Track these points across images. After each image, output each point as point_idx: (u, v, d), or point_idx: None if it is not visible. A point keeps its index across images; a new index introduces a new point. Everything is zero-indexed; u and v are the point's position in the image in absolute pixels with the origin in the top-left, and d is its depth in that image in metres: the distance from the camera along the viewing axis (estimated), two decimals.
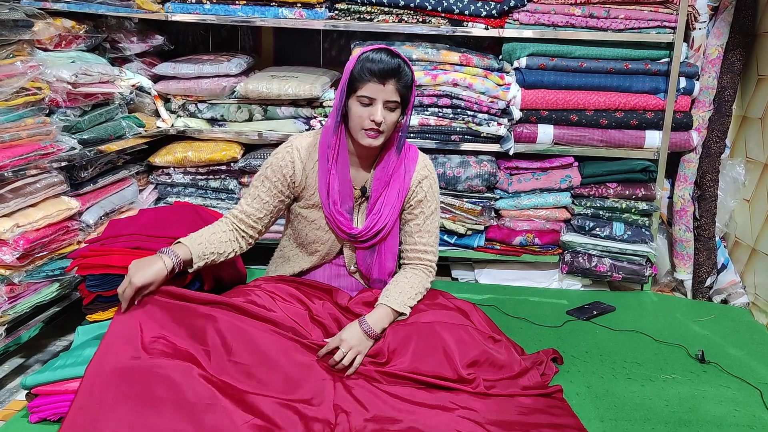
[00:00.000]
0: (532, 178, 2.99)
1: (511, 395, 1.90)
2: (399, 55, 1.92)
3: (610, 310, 2.74)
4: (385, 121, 1.91)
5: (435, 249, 2.16)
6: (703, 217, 3.00)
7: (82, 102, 2.49)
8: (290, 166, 2.04)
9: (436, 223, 2.16)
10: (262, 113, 3.03)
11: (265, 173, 2.06)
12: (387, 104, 1.91)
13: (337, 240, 2.13)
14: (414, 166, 2.11)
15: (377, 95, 1.90)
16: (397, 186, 2.08)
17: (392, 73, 1.88)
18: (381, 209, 2.07)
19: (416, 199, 2.10)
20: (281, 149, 2.07)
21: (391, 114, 1.93)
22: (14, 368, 2.24)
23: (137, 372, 1.64)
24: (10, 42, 2.16)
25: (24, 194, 2.19)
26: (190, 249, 1.91)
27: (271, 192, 2.06)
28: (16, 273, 2.14)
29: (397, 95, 1.91)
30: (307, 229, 2.12)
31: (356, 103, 1.92)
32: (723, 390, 2.12)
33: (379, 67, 1.87)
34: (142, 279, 1.78)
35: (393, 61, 1.89)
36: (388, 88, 1.89)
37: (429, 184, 2.12)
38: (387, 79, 1.89)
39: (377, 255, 2.12)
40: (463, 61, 2.87)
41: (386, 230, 2.08)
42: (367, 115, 1.91)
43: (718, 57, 2.91)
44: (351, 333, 1.89)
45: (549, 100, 2.88)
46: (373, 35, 3.01)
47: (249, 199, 2.07)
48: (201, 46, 3.57)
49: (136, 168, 2.95)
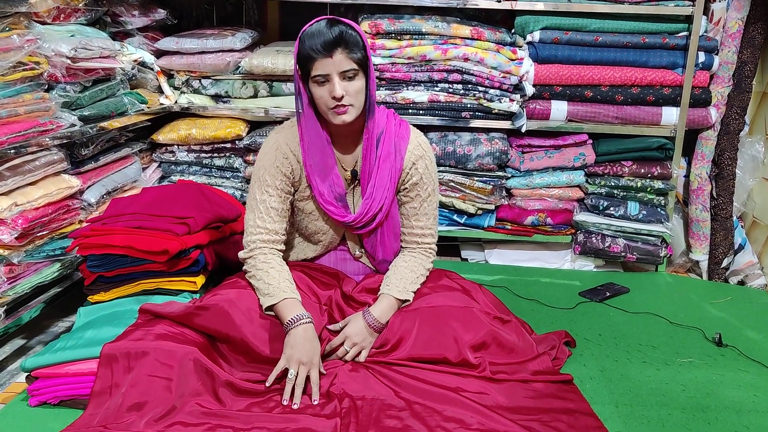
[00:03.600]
0: (544, 156, 2.93)
1: (521, 380, 1.86)
2: (340, 21, 1.79)
3: (623, 291, 2.69)
4: (347, 92, 1.79)
5: (434, 231, 2.08)
6: (721, 197, 2.93)
7: (82, 77, 2.43)
8: (286, 163, 1.94)
9: (434, 204, 2.07)
10: (267, 89, 2.97)
11: (264, 181, 1.94)
12: (343, 75, 1.78)
13: (336, 229, 2.07)
14: (406, 144, 1.99)
15: (329, 69, 1.77)
16: (387, 166, 1.96)
17: (336, 42, 1.75)
18: (373, 193, 1.97)
19: (411, 182, 2.00)
20: (269, 149, 1.95)
21: (352, 83, 1.80)
22: (15, 349, 2.20)
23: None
24: (6, 14, 2.10)
25: (23, 172, 2.14)
26: (299, 301, 1.86)
27: (280, 197, 1.95)
28: (16, 253, 2.10)
29: (350, 62, 1.77)
30: (306, 221, 2.05)
31: (314, 85, 1.81)
32: (741, 374, 2.06)
33: (321, 40, 1.75)
34: (319, 352, 1.78)
35: (333, 30, 1.75)
36: (337, 59, 1.76)
37: (424, 165, 2.00)
38: (332, 50, 1.75)
39: (380, 237, 2.05)
40: (475, 35, 2.79)
41: (383, 213, 2.00)
42: (328, 93, 1.79)
43: (739, 30, 2.81)
44: (355, 328, 1.86)
45: (563, 75, 2.80)
46: (381, 8, 2.93)
47: (264, 216, 1.93)
48: (205, 21, 3.50)
49: (139, 146, 2.90)
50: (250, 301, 1.87)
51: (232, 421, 1.61)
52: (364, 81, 1.84)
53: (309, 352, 1.74)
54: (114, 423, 1.61)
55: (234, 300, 1.86)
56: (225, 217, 2.35)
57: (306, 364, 1.73)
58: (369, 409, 1.69)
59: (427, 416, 1.67)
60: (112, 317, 1.98)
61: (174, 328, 1.81)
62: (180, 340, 1.77)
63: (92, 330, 1.90)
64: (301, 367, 1.72)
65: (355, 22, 1.84)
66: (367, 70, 1.84)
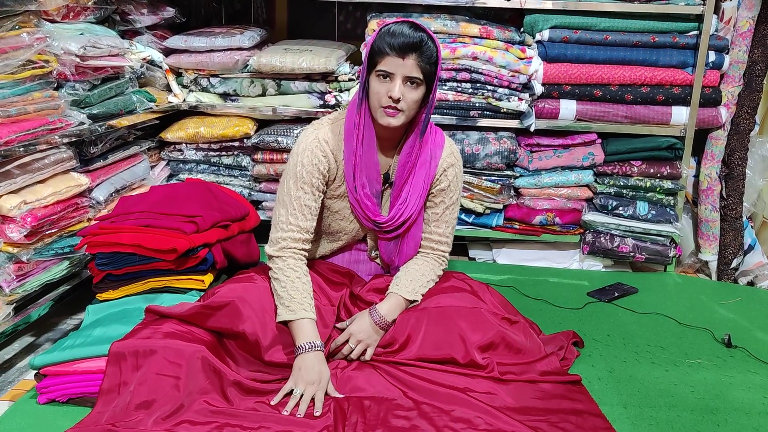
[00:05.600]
0: (553, 156, 2.91)
1: (529, 381, 1.85)
2: (424, 29, 1.80)
3: (632, 291, 2.67)
4: (404, 98, 1.79)
5: (450, 240, 2.08)
6: (730, 197, 2.91)
7: (91, 76, 2.43)
8: (324, 161, 1.91)
9: (455, 213, 2.07)
10: (275, 88, 2.96)
11: (300, 177, 1.90)
12: (407, 80, 1.79)
13: (360, 229, 2.06)
14: (440, 152, 1.99)
15: (396, 70, 1.77)
16: (422, 173, 1.96)
17: (413, 47, 1.76)
18: (407, 198, 1.96)
19: (439, 187, 2.00)
20: (308, 145, 1.91)
21: (412, 91, 1.80)
22: (24, 347, 2.21)
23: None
24: (16, 13, 2.10)
25: (32, 170, 2.14)
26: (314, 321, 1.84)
27: (314, 195, 1.93)
28: (25, 251, 2.10)
29: (418, 71, 1.78)
30: (330, 220, 2.04)
31: (375, 79, 1.81)
32: (751, 376, 2.05)
33: (400, 40, 1.75)
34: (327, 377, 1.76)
35: (415, 35, 1.76)
36: (408, 63, 1.77)
37: (454, 173, 2.01)
38: (407, 53, 1.76)
39: (401, 244, 2.04)
40: (483, 34, 2.78)
41: (411, 220, 1.99)
42: (385, 91, 1.79)
43: (749, 29, 2.79)
44: (360, 326, 1.86)
45: (572, 74, 2.79)
46: (389, 6, 2.92)
47: (298, 213, 1.91)
48: (214, 19, 3.50)
49: (148, 144, 2.90)
50: (263, 300, 1.87)
51: (239, 420, 1.61)
52: (424, 93, 1.84)
53: (317, 376, 1.73)
54: (122, 421, 1.62)
55: (247, 299, 1.85)
56: (233, 215, 2.34)
57: (314, 385, 1.72)
58: (377, 409, 1.69)
59: (435, 416, 1.67)
60: (120, 315, 1.98)
61: (182, 326, 1.81)
62: (188, 339, 1.77)
63: (101, 328, 1.90)
64: (308, 387, 1.71)
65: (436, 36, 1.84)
66: (431, 86, 1.84)
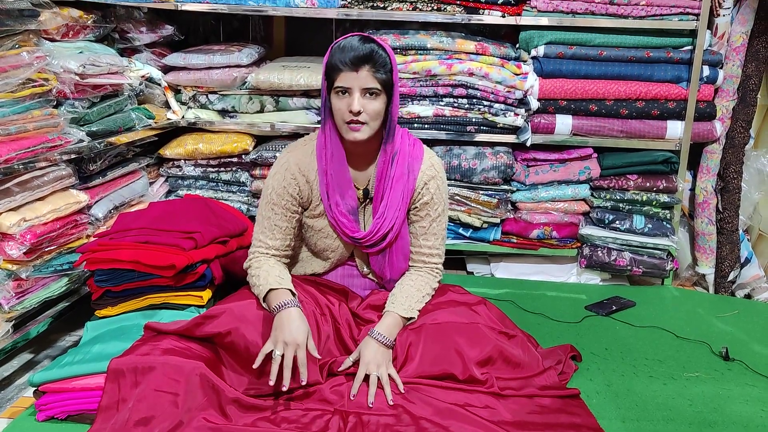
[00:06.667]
0: (549, 170, 2.93)
1: (528, 396, 1.85)
2: (373, 40, 1.81)
3: (630, 305, 2.68)
4: (365, 110, 1.79)
5: (441, 251, 2.07)
6: (726, 210, 2.93)
7: (91, 93, 2.45)
8: (293, 184, 1.94)
9: (443, 224, 2.06)
10: (273, 104, 2.98)
11: (272, 200, 1.95)
12: (365, 92, 1.79)
13: (345, 247, 2.06)
14: (419, 165, 1.98)
15: (352, 83, 1.78)
16: (400, 187, 1.96)
17: (364, 58, 1.77)
18: (385, 212, 1.97)
19: (422, 201, 2.00)
20: (279, 170, 1.95)
21: (372, 102, 1.80)
22: (23, 364, 2.21)
23: None
24: (16, 32, 2.12)
25: (31, 187, 2.16)
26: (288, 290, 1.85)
27: (285, 216, 1.96)
28: (24, 268, 2.10)
29: (374, 81, 1.79)
30: (315, 238, 2.05)
31: (335, 96, 1.82)
32: (749, 389, 2.06)
33: (351, 54, 1.76)
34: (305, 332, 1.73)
35: (365, 47, 1.78)
36: (362, 75, 1.77)
37: (436, 185, 2.00)
38: (360, 66, 1.77)
39: (389, 257, 2.04)
40: (479, 50, 2.81)
41: (393, 233, 1.99)
42: (346, 106, 1.80)
43: (743, 44, 2.82)
44: (371, 352, 1.83)
45: (567, 89, 2.81)
46: (386, 24, 2.95)
47: (268, 232, 1.96)
48: (212, 37, 3.52)
49: (146, 160, 2.91)
50: (258, 312, 1.87)
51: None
52: (385, 103, 1.85)
53: (294, 333, 1.70)
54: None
55: (243, 309, 1.86)
56: (231, 231, 2.36)
57: (291, 344, 1.69)
58: (376, 426, 1.69)
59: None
60: (119, 332, 1.99)
61: (181, 342, 1.81)
62: (187, 355, 1.77)
63: (99, 344, 1.91)
64: (287, 348, 1.68)
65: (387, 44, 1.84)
66: (390, 93, 1.85)
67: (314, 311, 1.92)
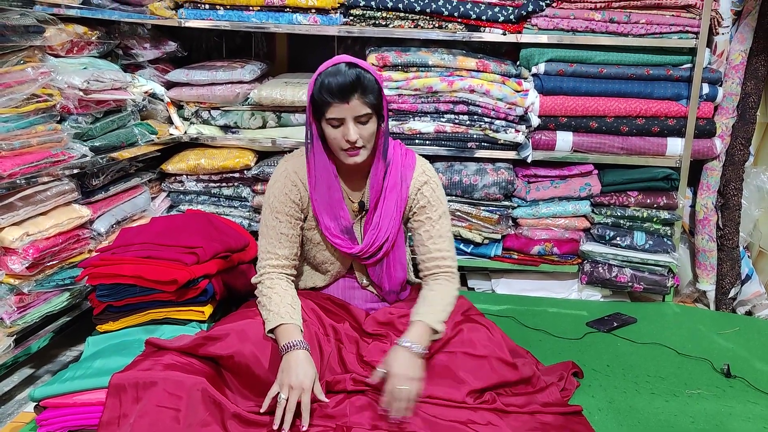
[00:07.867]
0: (550, 186, 2.94)
1: (530, 412, 1.84)
2: (356, 65, 1.81)
3: (631, 321, 2.68)
4: (361, 136, 1.81)
5: (452, 254, 2.05)
6: (727, 227, 2.93)
7: (94, 109, 2.46)
8: (294, 190, 1.96)
9: (447, 226, 2.05)
10: (275, 120, 3.00)
11: (275, 208, 1.96)
12: (358, 120, 1.80)
13: (343, 260, 2.07)
14: (411, 173, 2.00)
15: (344, 114, 1.78)
16: (394, 197, 1.97)
17: (352, 88, 1.76)
18: (380, 223, 1.98)
19: (419, 205, 2.00)
20: (278, 178, 1.97)
21: (365, 127, 1.82)
22: (24, 379, 2.21)
23: None
24: (21, 48, 2.14)
25: (34, 202, 2.17)
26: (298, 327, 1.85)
27: (290, 223, 1.97)
28: (26, 282, 2.11)
29: (365, 107, 1.79)
30: (314, 251, 2.06)
31: (327, 126, 1.83)
32: (751, 406, 2.05)
33: (338, 88, 1.76)
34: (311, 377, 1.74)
35: (350, 73, 1.76)
36: (353, 104, 1.77)
37: (430, 189, 2.01)
38: (349, 96, 1.77)
39: (386, 267, 2.04)
40: (480, 67, 2.83)
41: (389, 243, 2.00)
42: (341, 135, 1.81)
43: (742, 62, 2.84)
44: (399, 363, 1.76)
45: (568, 106, 2.82)
46: (388, 41, 2.97)
47: (275, 242, 1.96)
48: (214, 53, 3.54)
49: (149, 175, 2.92)
50: (262, 332, 1.87)
51: None
52: (377, 122, 1.86)
53: (300, 377, 1.71)
54: None
55: (246, 330, 1.85)
56: (233, 246, 2.36)
57: (297, 388, 1.70)
58: None
59: None
60: (120, 347, 1.99)
61: (182, 358, 1.81)
62: (188, 371, 1.77)
63: (101, 359, 1.90)
64: (293, 392, 1.70)
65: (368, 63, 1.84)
66: (380, 111, 1.87)
67: (317, 332, 1.92)
